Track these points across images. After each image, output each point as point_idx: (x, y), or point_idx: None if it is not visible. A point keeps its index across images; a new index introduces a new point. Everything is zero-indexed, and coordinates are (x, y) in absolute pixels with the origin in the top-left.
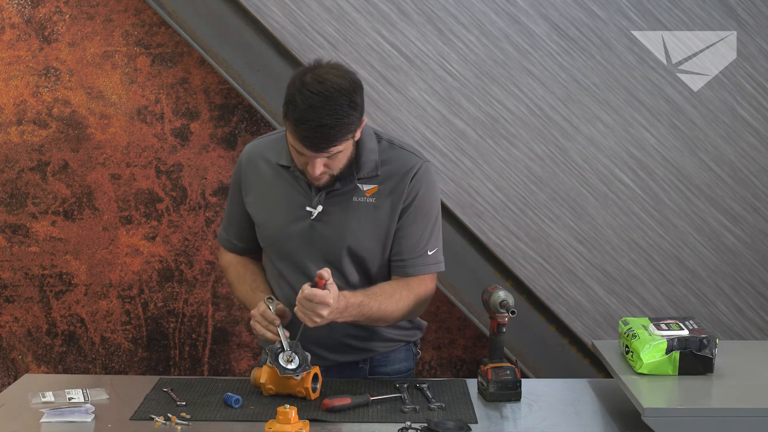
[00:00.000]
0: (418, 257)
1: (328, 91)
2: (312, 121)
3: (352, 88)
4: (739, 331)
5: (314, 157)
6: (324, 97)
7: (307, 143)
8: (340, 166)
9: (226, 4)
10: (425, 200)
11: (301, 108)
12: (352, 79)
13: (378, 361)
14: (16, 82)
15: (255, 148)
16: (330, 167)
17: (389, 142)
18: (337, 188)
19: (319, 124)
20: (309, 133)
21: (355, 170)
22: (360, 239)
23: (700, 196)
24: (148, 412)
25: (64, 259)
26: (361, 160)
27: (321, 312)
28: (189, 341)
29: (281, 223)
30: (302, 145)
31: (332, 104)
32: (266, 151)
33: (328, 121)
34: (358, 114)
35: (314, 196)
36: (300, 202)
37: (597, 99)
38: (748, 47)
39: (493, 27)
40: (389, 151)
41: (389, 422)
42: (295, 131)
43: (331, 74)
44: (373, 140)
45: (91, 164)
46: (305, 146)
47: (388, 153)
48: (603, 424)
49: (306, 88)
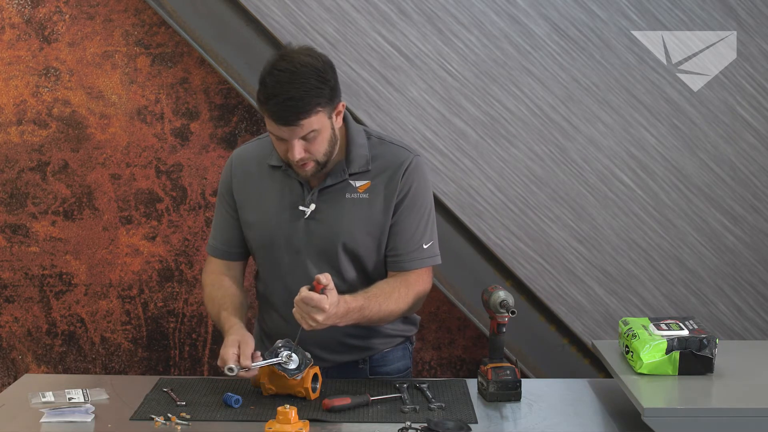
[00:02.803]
0: (414, 251)
1: (294, 67)
2: (279, 95)
3: (321, 66)
4: (739, 331)
5: (289, 135)
6: (290, 73)
7: (276, 118)
8: (321, 150)
9: (226, 4)
10: (419, 194)
11: (270, 86)
12: (322, 59)
13: (377, 360)
14: (16, 82)
15: (244, 152)
16: (310, 152)
17: (379, 138)
18: (329, 184)
19: (287, 97)
20: (277, 108)
21: (345, 165)
22: (355, 235)
23: (700, 196)
24: (148, 412)
25: (64, 259)
26: (351, 156)
27: (316, 316)
28: (189, 341)
29: (275, 223)
30: (274, 122)
31: (299, 78)
32: (256, 153)
33: (294, 94)
34: (328, 90)
35: (307, 194)
36: (293, 201)
37: (597, 99)
38: (748, 47)
39: (493, 27)
40: (379, 146)
41: (389, 422)
42: (266, 110)
43: (299, 54)
44: (362, 136)
45: (91, 164)
46: (276, 122)
47: (378, 148)
48: (603, 424)
49: (274, 68)
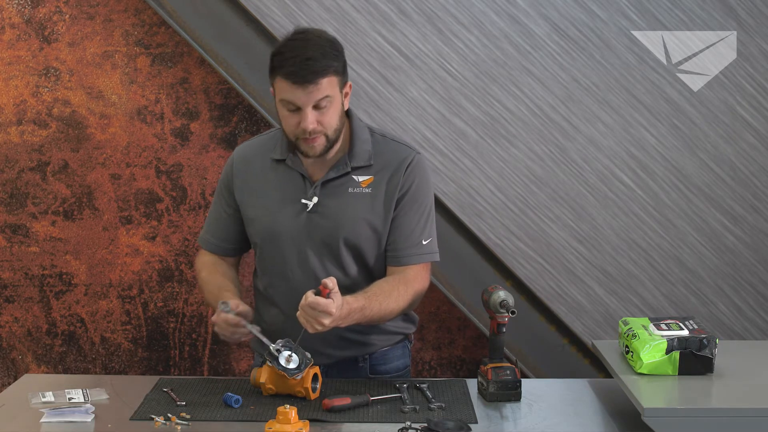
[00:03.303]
0: (412, 247)
1: (308, 36)
2: (297, 56)
3: (333, 39)
4: (739, 331)
5: (305, 99)
6: (306, 40)
7: (294, 78)
8: (333, 123)
9: (226, 4)
10: (420, 190)
11: (287, 51)
12: (333, 38)
13: (377, 359)
14: (16, 82)
15: (246, 148)
16: (322, 123)
17: (381, 135)
18: (332, 178)
19: (305, 57)
20: (295, 67)
21: (348, 159)
22: (357, 229)
23: (700, 196)
24: (148, 412)
25: (64, 259)
26: (354, 150)
27: (323, 321)
28: (189, 341)
29: (277, 217)
30: (291, 83)
31: (314, 43)
32: (259, 149)
33: (312, 54)
34: (340, 60)
35: (309, 188)
36: (295, 194)
37: (597, 99)
38: (748, 47)
39: (493, 27)
40: (382, 143)
41: (389, 422)
42: (282, 72)
43: (312, 30)
44: (366, 132)
45: (91, 164)
46: (293, 82)
47: (381, 145)
48: (603, 424)
49: (289, 40)
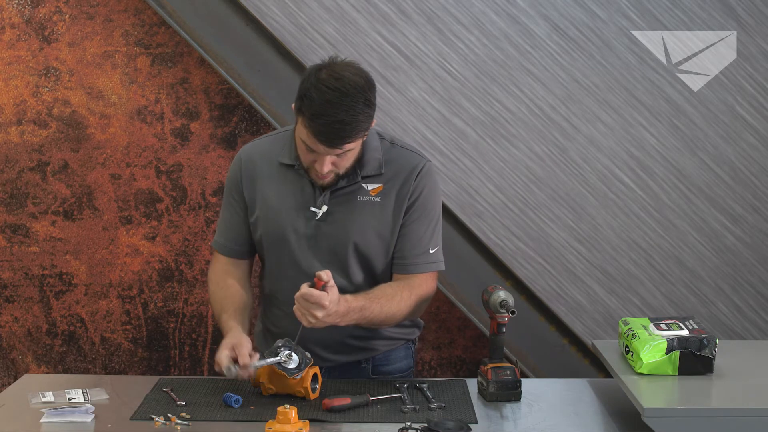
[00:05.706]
0: (419, 255)
1: (344, 87)
2: (328, 116)
3: (368, 87)
4: (739, 331)
5: (326, 153)
6: (341, 93)
7: (322, 138)
8: (347, 165)
9: (226, 4)
10: (429, 199)
11: (318, 103)
12: (366, 77)
13: (379, 360)
14: (16, 82)
15: (254, 148)
16: (337, 166)
17: (391, 142)
18: (341, 186)
19: (336, 120)
20: (325, 128)
21: (358, 168)
22: (366, 238)
23: (700, 196)
24: (148, 412)
25: (64, 259)
26: (364, 158)
27: (315, 313)
28: (189, 341)
29: (285, 223)
30: (316, 140)
31: (349, 101)
32: (267, 151)
33: (344, 117)
34: (371, 112)
35: (318, 195)
36: (304, 201)
37: (597, 99)
38: (748, 47)
39: (493, 27)
40: (391, 150)
41: (389, 422)
42: (311, 126)
43: (347, 71)
44: (376, 139)
45: (91, 164)
46: (320, 141)
47: (391, 152)
48: (603, 424)
49: (322, 84)
